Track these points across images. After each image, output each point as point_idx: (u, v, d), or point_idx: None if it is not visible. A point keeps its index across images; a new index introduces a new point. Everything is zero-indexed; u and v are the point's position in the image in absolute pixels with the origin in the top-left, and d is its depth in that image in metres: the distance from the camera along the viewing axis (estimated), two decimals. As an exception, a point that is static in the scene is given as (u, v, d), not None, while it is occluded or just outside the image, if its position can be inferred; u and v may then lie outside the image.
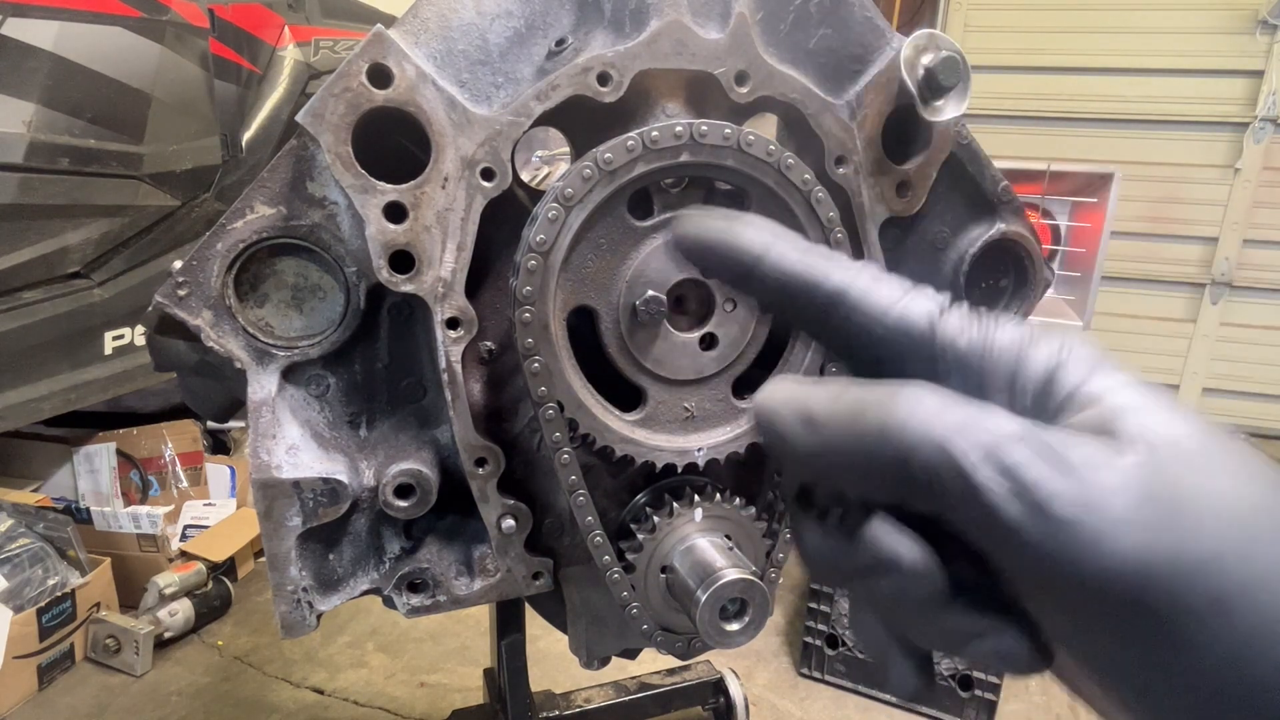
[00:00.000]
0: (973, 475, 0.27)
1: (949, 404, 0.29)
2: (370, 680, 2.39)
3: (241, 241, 0.86)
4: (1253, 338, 4.36)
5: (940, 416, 0.29)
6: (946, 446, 0.28)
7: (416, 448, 0.97)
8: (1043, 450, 0.27)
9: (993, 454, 0.27)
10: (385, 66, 0.81)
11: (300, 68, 3.06)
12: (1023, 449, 0.27)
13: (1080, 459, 0.27)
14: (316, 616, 0.94)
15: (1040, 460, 0.27)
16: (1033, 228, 1.13)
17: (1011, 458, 0.27)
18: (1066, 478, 0.27)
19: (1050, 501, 0.27)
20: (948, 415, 0.29)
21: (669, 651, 1.02)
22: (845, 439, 0.30)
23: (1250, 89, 4.00)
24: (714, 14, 0.90)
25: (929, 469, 0.28)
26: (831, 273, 0.34)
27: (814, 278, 0.35)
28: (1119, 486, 0.27)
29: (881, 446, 0.29)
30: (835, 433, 0.31)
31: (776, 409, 0.32)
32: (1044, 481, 0.27)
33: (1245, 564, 0.26)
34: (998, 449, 0.28)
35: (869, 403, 0.30)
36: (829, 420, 0.31)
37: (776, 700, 2.31)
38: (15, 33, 2.12)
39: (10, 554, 2.32)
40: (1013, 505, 0.27)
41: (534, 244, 0.82)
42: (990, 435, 0.28)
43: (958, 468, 0.28)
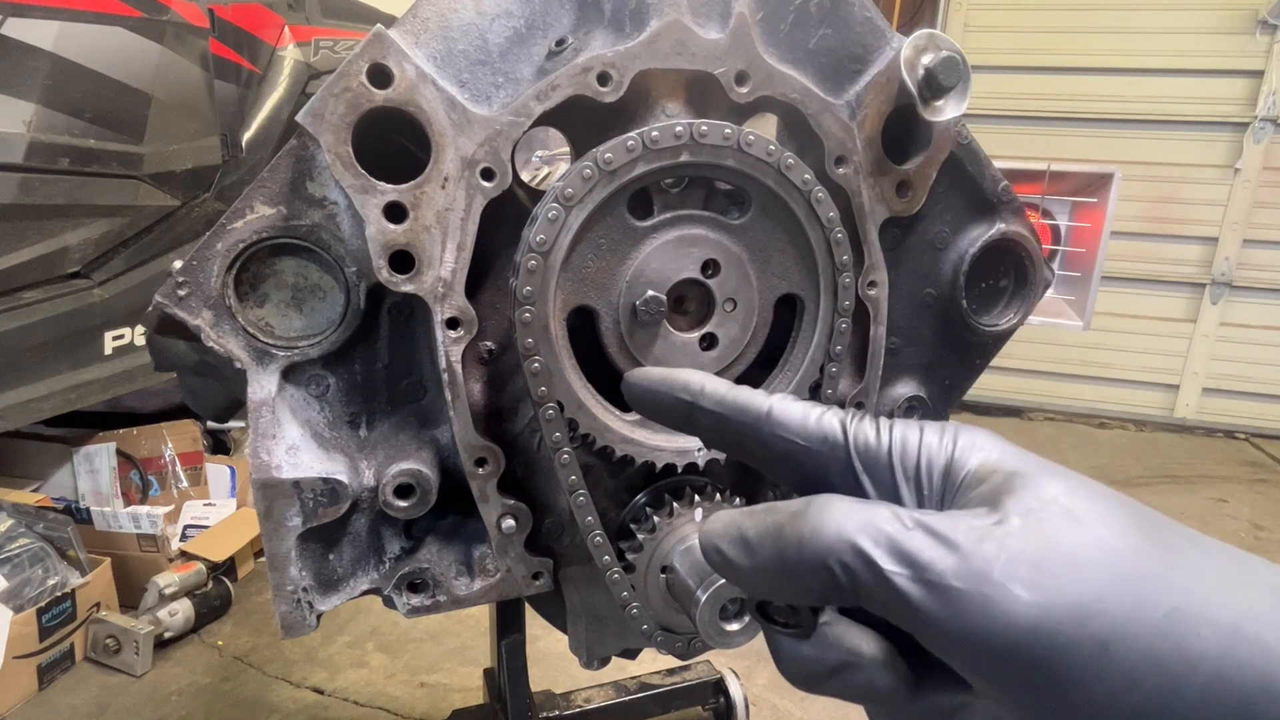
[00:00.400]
0: (881, 566, 0.31)
1: (851, 507, 0.33)
2: (370, 680, 2.39)
3: (241, 241, 0.86)
4: (1253, 338, 4.37)
5: (846, 520, 0.32)
6: (857, 545, 0.32)
7: (416, 448, 0.97)
8: (932, 533, 0.31)
9: (893, 545, 0.31)
10: (385, 66, 0.81)
11: (300, 68, 3.06)
12: (916, 535, 0.31)
13: (963, 535, 0.31)
14: (316, 616, 0.94)
15: (931, 542, 0.31)
16: (1033, 228, 1.13)
17: (907, 544, 0.31)
18: (953, 554, 0.30)
19: (942, 578, 0.30)
20: (851, 518, 0.32)
21: (669, 651, 1.02)
22: (774, 555, 0.34)
23: (1250, 89, 4.00)
24: (714, 14, 0.90)
25: (845, 568, 0.32)
26: (758, 399, 0.40)
27: (744, 404, 0.40)
28: (995, 554, 0.30)
29: (801, 557, 0.33)
30: (765, 553, 0.35)
31: (717, 539, 0.37)
32: (935, 561, 0.30)
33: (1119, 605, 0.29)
34: (895, 539, 0.31)
35: (785, 519, 0.34)
36: (758, 542, 0.35)
37: (776, 700, 2.31)
38: (15, 33, 2.12)
39: (10, 554, 2.32)
40: (914, 588, 0.30)
41: (534, 244, 0.82)
42: (887, 529, 0.32)
43: (868, 561, 0.31)
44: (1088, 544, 0.30)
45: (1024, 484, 0.33)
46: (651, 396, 0.43)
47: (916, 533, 0.31)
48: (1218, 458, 4.27)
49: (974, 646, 0.30)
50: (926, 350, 1.16)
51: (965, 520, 0.32)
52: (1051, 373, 4.67)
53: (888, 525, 0.32)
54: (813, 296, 0.95)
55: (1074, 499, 0.32)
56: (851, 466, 0.38)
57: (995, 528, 0.31)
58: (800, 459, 0.39)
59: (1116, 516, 0.31)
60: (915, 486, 0.36)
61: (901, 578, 0.31)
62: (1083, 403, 4.71)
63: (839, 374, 0.99)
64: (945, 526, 0.31)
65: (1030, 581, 0.29)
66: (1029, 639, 0.29)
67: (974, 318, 1.14)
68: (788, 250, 0.93)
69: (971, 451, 0.36)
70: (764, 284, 0.93)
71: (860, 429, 0.38)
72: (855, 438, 0.38)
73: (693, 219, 0.89)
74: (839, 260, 0.92)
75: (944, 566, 0.30)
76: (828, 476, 0.38)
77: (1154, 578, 0.29)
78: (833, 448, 0.38)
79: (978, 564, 0.30)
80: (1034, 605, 0.29)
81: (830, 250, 0.92)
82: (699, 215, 0.89)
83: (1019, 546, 0.30)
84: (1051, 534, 0.30)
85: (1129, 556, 0.30)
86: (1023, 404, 4.80)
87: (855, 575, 0.32)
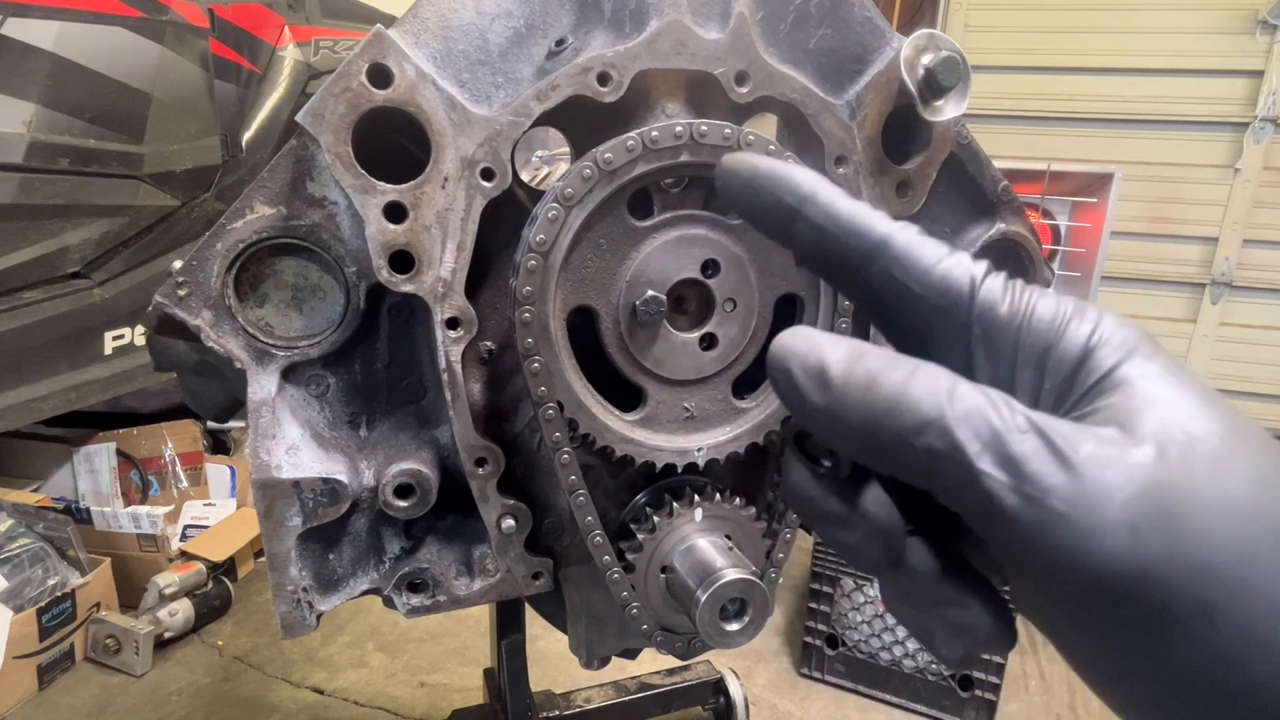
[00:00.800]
0: (974, 463, 0.27)
1: (961, 390, 0.29)
2: (370, 680, 2.39)
3: (241, 241, 0.86)
4: (1253, 338, 4.37)
5: (951, 402, 0.28)
6: (951, 432, 0.28)
7: (416, 448, 0.97)
8: (1048, 444, 0.27)
9: (996, 443, 0.27)
10: (385, 66, 0.81)
11: (300, 68, 3.06)
12: (1028, 440, 0.27)
13: (1085, 455, 0.27)
14: (316, 616, 0.94)
15: (1044, 453, 0.27)
16: (1033, 228, 1.13)
17: (1015, 449, 0.27)
18: (1067, 473, 0.27)
19: (1047, 495, 0.27)
20: (958, 402, 0.28)
21: (669, 651, 1.02)
22: (854, 408, 0.30)
23: (1250, 89, 4.00)
24: (714, 14, 0.90)
25: (931, 452, 0.28)
26: (878, 223, 0.33)
27: (861, 224, 0.33)
28: (1119, 485, 0.26)
29: (888, 423, 0.29)
30: (845, 399, 0.30)
31: (791, 358, 0.31)
32: (1043, 475, 0.27)
33: (1237, 572, 0.25)
34: (1002, 439, 0.27)
35: (884, 376, 0.30)
36: (842, 385, 0.30)
37: (776, 700, 2.31)
38: (15, 33, 2.12)
39: (10, 554, 2.32)
40: (1010, 496, 0.27)
41: (534, 244, 0.82)
42: (997, 425, 0.28)
43: (959, 454, 0.28)
44: (1220, 498, 0.26)
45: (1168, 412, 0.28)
46: (751, 190, 0.35)
47: (1030, 436, 0.27)
48: (1218, 458, 4.26)
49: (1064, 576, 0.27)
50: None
51: (1091, 436, 0.28)
52: (1051, 373, 4.65)
53: (998, 420, 0.28)
54: (812, 296, 0.95)
55: (1220, 443, 0.27)
56: (968, 330, 0.32)
57: (1125, 455, 0.27)
58: (910, 307, 0.33)
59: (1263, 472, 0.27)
60: (1036, 374, 0.31)
61: (997, 483, 0.27)
62: (1083, 403, 4.70)
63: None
64: (1067, 439, 0.27)
65: (1145, 525, 0.26)
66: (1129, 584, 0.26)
67: (974, 318, 1.14)
68: (788, 250, 0.93)
69: (1120, 353, 0.30)
70: (764, 284, 0.93)
71: (990, 289, 0.32)
72: (982, 300, 0.32)
73: (693, 219, 0.89)
74: (839, 260, 0.92)
75: (1053, 483, 0.27)
76: (934, 333, 0.33)
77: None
78: (953, 304, 0.32)
79: (1095, 490, 0.26)
80: (1141, 552, 0.26)
81: (830, 250, 0.92)
82: (699, 215, 0.89)
83: (1148, 484, 0.26)
84: (1183, 478, 0.26)
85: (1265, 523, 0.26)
86: (1023, 404, 4.79)
87: (942, 464, 0.28)
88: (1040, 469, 0.27)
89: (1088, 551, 0.26)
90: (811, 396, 0.31)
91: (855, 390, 0.30)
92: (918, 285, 0.32)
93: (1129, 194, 3.64)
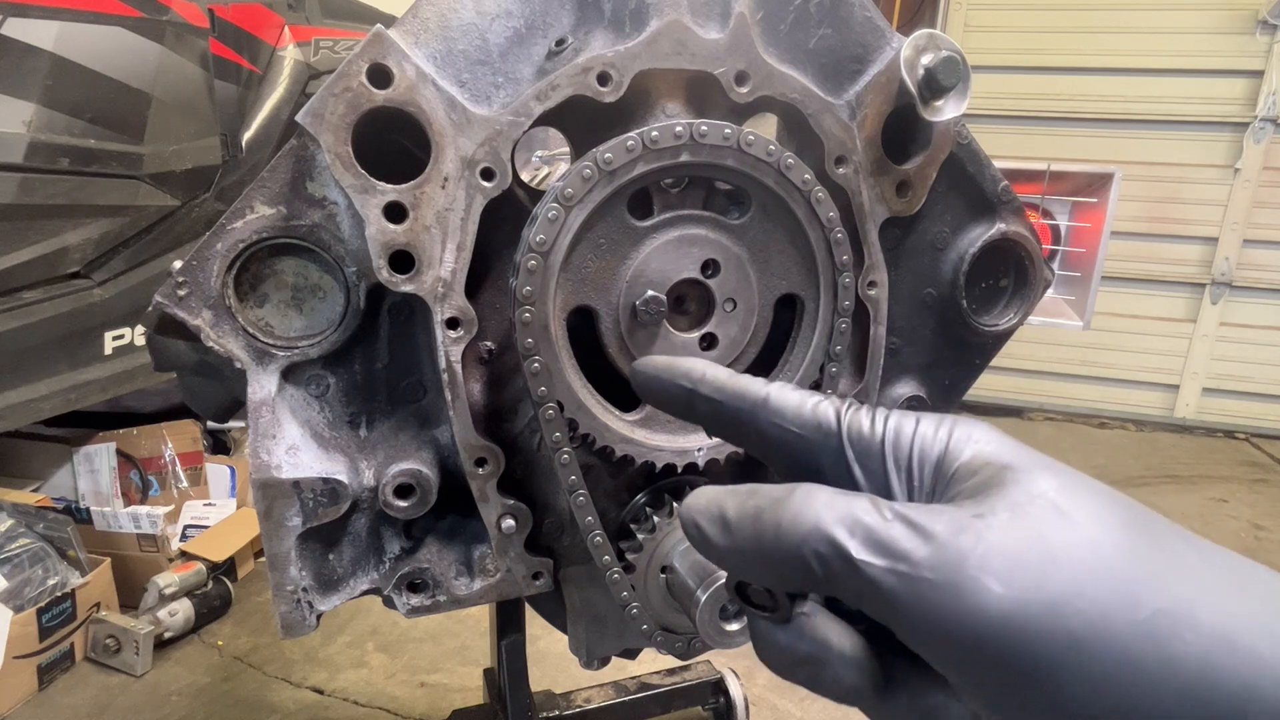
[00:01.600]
0: (853, 555, 0.31)
1: (832, 498, 0.33)
2: (370, 680, 2.39)
3: (241, 241, 0.86)
4: (1253, 338, 4.37)
5: (825, 510, 0.33)
6: (832, 536, 0.32)
7: (416, 448, 0.97)
8: (910, 525, 0.31)
9: (868, 534, 0.31)
10: (385, 66, 0.81)
11: (300, 68, 3.06)
12: (894, 527, 0.31)
13: (942, 527, 0.31)
14: (316, 616, 0.94)
15: (908, 534, 0.31)
16: (1033, 228, 1.13)
17: (883, 535, 0.31)
18: (929, 544, 0.30)
19: (917, 568, 0.30)
20: (831, 509, 0.33)
21: (669, 651, 1.02)
22: (750, 540, 0.34)
23: (1250, 89, 4.00)
24: (714, 14, 0.90)
25: (819, 556, 0.32)
26: (757, 386, 0.41)
27: (742, 389, 0.41)
28: (971, 546, 0.30)
29: (778, 543, 0.33)
30: (743, 535, 0.35)
31: (697, 515, 0.37)
32: (910, 551, 0.30)
33: (1098, 603, 0.28)
34: (871, 530, 0.31)
35: (767, 504, 0.34)
36: (737, 524, 0.35)
37: (776, 700, 2.31)
38: (15, 33, 2.12)
39: (10, 554, 2.32)
40: (887, 577, 0.30)
41: (534, 244, 0.82)
42: (866, 520, 0.32)
43: (842, 552, 0.31)
44: (1073, 541, 0.29)
45: (1015, 478, 0.32)
46: (656, 383, 0.44)
47: (895, 524, 0.31)
48: (1218, 458, 4.27)
49: (946, 639, 0.29)
50: (926, 350, 1.16)
51: (947, 513, 0.31)
52: (1051, 373, 4.67)
53: (866, 516, 0.32)
54: (813, 296, 0.95)
55: (1065, 495, 0.31)
56: (844, 455, 0.37)
57: (976, 520, 0.30)
58: (794, 446, 0.39)
59: (1108, 514, 0.30)
60: (906, 478, 0.36)
61: (875, 568, 0.30)
62: (1083, 403, 4.71)
63: (839, 374, 0.99)
64: (924, 518, 0.31)
65: (1005, 575, 0.29)
66: (1000, 633, 0.28)
67: (974, 318, 1.14)
68: (788, 250, 0.93)
69: (966, 444, 0.35)
70: (764, 284, 0.93)
71: (855, 418, 0.38)
72: (849, 426, 0.38)
73: (693, 219, 0.89)
74: (839, 260, 0.92)
75: (919, 557, 0.30)
76: (820, 465, 0.38)
77: (1141, 578, 0.28)
78: (826, 436, 0.38)
79: (952, 555, 0.30)
80: (1006, 599, 0.28)
81: (830, 250, 0.92)
82: (699, 215, 0.89)
83: (998, 540, 0.29)
84: (1035, 529, 0.30)
85: (1116, 555, 0.29)
86: (1023, 404, 4.80)
87: (829, 565, 0.32)
88: (906, 547, 0.30)
89: (959, 609, 0.29)
90: (718, 541, 0.35)
91: (747, 522, 0.34)
92: (796, 426, 0.39)
93: (1129, 194, 3.64)
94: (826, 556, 0.32)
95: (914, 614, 0.30)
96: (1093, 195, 2.82)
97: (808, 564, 0.32)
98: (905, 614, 0.30)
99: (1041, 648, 0.28)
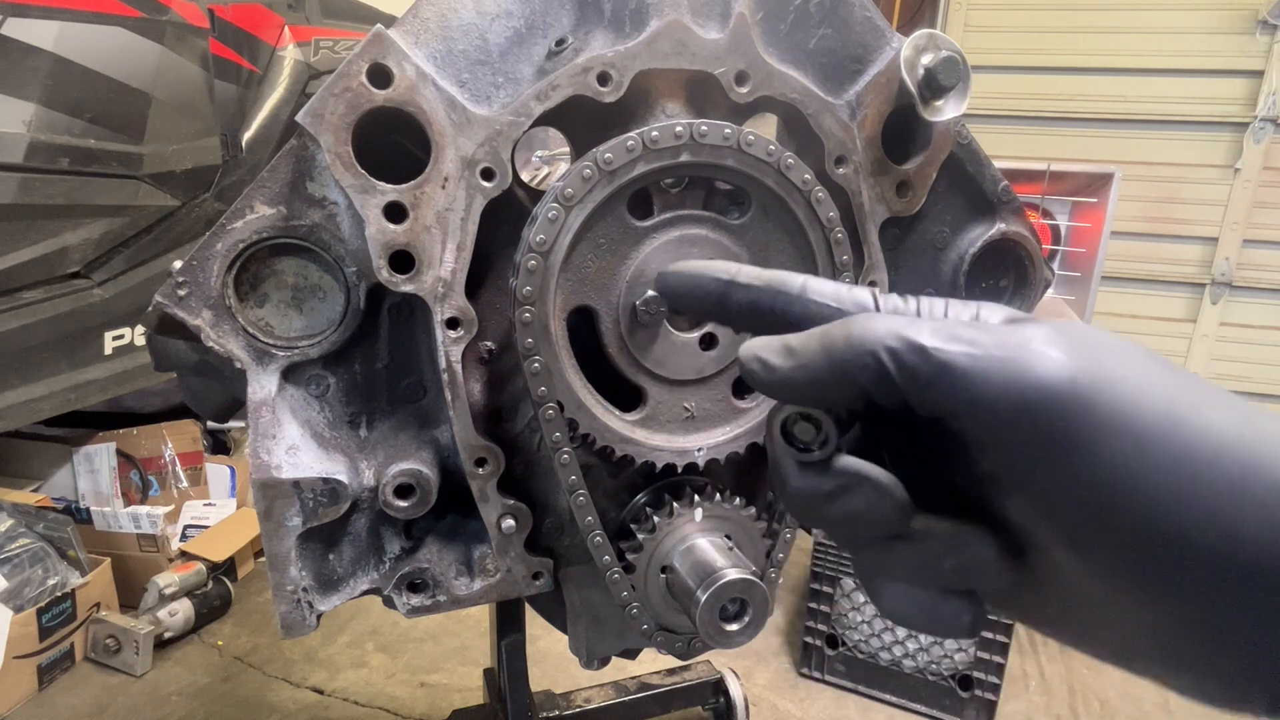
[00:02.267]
0: (927, 344, 0.33)
1: (894, 316, 0.36)
2: (370, 680, 2.39)
3: (241, 241, 0.86)
4: (1253, 338, 4.37)
5: (892, 321, 0.35)
6: (904, 333, 0.34)
7: (416, 448, 0.97)
8: (973, 324, 0.35)
9: (938, 330, 0.34)
10: (385, 66, 0.81)
11: (300, 68, 3.06)
12: (958, 325, 0.34)
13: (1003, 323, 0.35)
14: (316, 616, 0.94)
15: (973, 328, 0.34)
16: (1033, 228, 1.13)
17: (951, 330, 0.34)
18: (993, 333, 0.33)
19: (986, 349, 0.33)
20: (897, 319, 0.35)
21: (669, 651, 1.02)
22: (818, 354, 0.36)
23: (1250, 89, 4.00)
24: (714, 14, 0.90)
25: (892, 351, 0.34)
26: (789, 274, 0.42)
27: (779, 278, 0.41)
28: (1034, 332, 0.33)
29: (851, 352, 0.35)
30: (809, 351, 0.36)
31: (758, 350, 0.38)
32: (978, 337, 0.33)
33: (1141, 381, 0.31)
34: (940, 327, 0.34)
35: (833, 326, 0.36)
36: (803, 346, 0.36)
37: (776, 700, 2.31)
38: (15, 33, 2.12)
39: (10, 554, 2.32)
40: (960, 359, 0.32)
41: (534, 244, 0.82)
42: (932, 323, 0.34)
43: (914, 344, 0.33)
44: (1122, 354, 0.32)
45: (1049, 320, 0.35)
46: (688, 281, 0.44)
47: (959, 324, 0.34)
48: (1218, 458, 4.26)
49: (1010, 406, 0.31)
50: (926, 350, 1.16)
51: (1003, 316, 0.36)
52: (1051, 373, 4.65)
53: (930, 323, 0.34)
54: (813, 296, 0.95)
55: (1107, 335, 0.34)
56: None
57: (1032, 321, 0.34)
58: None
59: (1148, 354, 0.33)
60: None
61: (946, 352, 0.33)
62: (1083, 403, 4.70)
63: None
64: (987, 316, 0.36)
65: (1066, 348, 0.31)
66: (1060, 395, 0.30)
67: (974, 318, 1.14)
68: (788, 250, 0.93)
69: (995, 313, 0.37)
70: (764, 284, 0.93)
71: (888, 296, 0.39)
72: (884, 303, 0.39)
73: (693, 219, 0.89)
74: (839, 260, 0.92)
75: (987, 341, 0.32)
76: None
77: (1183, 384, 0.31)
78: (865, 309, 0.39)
79: (1015, 337, 0.32)
80: (1068, 366, 0.31)
81: (830, 250, 0.92)
82: (699, 215, 0.89)
83: (1053, 329, 0.33)
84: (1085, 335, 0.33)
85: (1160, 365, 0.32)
86: (1023, 404, 4.79)
87: (901, 357, 0.33)
88: (973, 334, 0.33)
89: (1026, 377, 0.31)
90: (780, 364, 0.37)
91: (814, 340, 0.36)
92: (835, 303, 0.40)
93: (1129, 194, 3.64)
94: (899, 350, 0.33)
95: (982, 387, 0.32)
96: (1093, 195, 2.82)
97: (879, 362, 0.34)
98: (974, 388, 0.32)
99: (1096, 409, 0.30)
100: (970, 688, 2.19)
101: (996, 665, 2.17)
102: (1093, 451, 0.30)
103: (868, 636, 2.29)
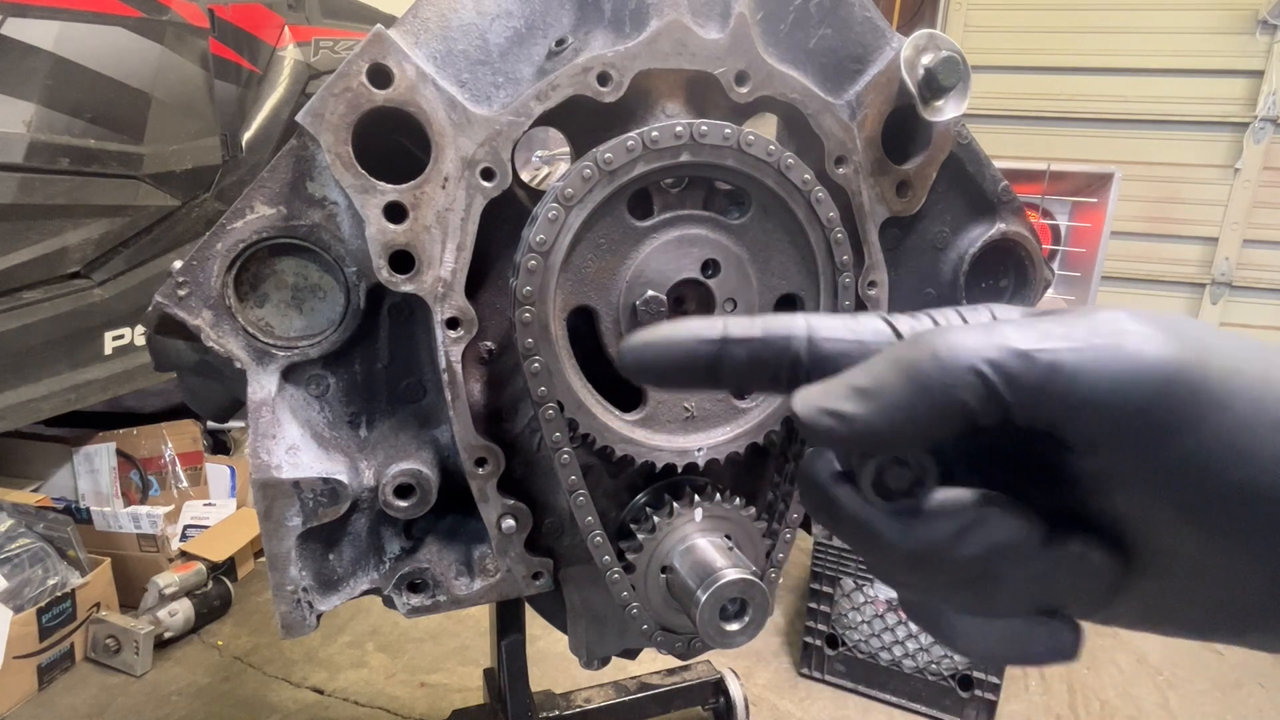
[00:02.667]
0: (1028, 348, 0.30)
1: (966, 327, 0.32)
2: (370, 680, 2.39)
3: (241, 241, 0.86)
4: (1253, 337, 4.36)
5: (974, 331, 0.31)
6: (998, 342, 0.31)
7: (416, 448, 0.97)
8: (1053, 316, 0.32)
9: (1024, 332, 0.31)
10: (385, 66, 0.81)
11: (300, 68, 3.06)
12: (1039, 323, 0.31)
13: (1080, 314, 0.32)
14: (316, 616, 0.94)
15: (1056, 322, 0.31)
16: (1033, 228, 1.13)
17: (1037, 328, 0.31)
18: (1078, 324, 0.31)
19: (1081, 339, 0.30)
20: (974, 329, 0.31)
21: (669, 651, 1.02)
22: (906, 389, 0.31)
23: (1250, 89, 4.00)
24: (714, 14, 0.90)
25: (994, 363, 0.30)
26: (787, 318, 0.36)
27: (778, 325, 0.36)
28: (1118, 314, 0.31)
29: (947, 375, 0.30)
30: (891, 389, 0.31)
31: (821, 401, 0.32)
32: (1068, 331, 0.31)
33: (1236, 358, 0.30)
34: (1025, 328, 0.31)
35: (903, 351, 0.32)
36: (879, 383, 0.31)
37: (776, 700, 2.31)
38: (15, 33, 2.12)
39: (10, 554, 2.32)
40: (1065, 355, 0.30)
41: (534, 244, 0.82)
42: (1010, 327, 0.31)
43: (1015, 350, 0.30)
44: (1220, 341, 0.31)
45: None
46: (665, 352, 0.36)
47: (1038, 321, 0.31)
48: (1218, 458, 4.26)
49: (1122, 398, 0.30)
50: (926, 350, 1.16)
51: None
52: (1051, 373, 4.65)
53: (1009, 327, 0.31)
54: (813, 296, 0.95)
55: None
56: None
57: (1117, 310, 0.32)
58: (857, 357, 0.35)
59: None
60: None
61: (1049, 352, 0.30)
62: (1083, 403, 4.70)
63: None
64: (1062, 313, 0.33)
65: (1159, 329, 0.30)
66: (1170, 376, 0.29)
67: (974, 318, 1.14)
68: (788, 250, 0.93)
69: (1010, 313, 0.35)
70: (764, 284, 0.93)
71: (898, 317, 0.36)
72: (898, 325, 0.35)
73: (693, 219, 0.89)
74: (839, 260, 0.92)
75: (1079, 332, 0.30)
76: None
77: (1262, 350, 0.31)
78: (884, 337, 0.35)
79: (1105, 326, 0.31)
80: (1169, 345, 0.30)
81: (830, 250, 0.92)
82: (699, 215, 0.89)
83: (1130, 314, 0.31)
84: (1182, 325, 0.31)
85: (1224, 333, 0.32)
86: (1023, 404, 4.79)
87: (1005, 368, 0.30)
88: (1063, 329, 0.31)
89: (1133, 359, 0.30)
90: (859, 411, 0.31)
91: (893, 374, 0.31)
92: (852, 335, 0.35)
93: (1129, 194, 3.64)
94: (1000, 359, 0.30)
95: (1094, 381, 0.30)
96: (1093, 195, 2.82)
97: (982, 376, 0.30)
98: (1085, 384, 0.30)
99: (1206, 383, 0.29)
100: (970, 688, 2.19)
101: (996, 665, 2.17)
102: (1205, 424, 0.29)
103: (868, 636, 2.29)
